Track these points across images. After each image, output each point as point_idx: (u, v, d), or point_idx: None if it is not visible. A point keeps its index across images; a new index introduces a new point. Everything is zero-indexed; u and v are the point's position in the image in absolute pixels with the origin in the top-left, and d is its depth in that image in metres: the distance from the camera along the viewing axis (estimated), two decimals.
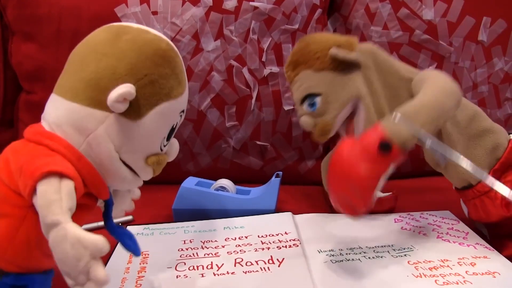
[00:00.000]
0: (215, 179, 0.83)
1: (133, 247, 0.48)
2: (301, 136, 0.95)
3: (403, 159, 0.51)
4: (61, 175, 0.38)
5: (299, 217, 0.76)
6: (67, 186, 0.38)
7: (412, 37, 0.95)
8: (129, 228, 0.72)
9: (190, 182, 0.80)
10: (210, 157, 0.95)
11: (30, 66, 0.92)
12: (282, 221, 0.73)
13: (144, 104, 0.43)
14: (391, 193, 0.79)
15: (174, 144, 0.51)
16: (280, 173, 0.81)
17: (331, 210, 0.85)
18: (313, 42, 0.67)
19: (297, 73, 0.68)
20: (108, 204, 0.49)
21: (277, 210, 0.78)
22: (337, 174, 0.51)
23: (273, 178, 0.80)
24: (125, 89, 0.41)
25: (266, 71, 0.92)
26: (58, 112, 0.44)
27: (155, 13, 0.89)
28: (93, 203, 0.47)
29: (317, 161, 0.98)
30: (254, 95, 0.92)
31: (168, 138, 0.49)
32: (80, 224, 0.41)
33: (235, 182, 0.84)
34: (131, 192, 0.59)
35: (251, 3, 0.90)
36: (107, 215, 0.49)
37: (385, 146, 0.48)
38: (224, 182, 0.81)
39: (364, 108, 0.66)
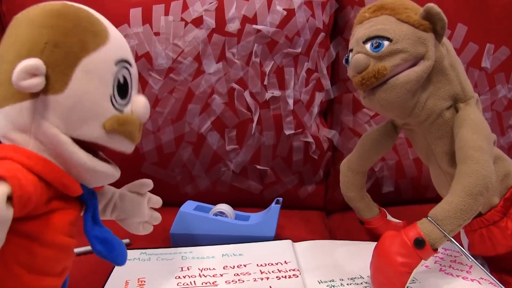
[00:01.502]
0: (214, 202, 0.82)
1: (104, 253, 0.45)
2: (302, 161, 0.95)
3: (434, 255, 0.57)
4: None
5: (298, 245, 0.75)
6: None
7: None
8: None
9: (189, 207, 0.79)
10: (209, 180, 0.94)
11: None
12: (282, 249, 0.72)
13: (61, 70, 0.40)
14: (402, 221, 0.78)
15: (137, 100, 0.46)
16: (280, 199, 0.81)
17: (330, 235, 0.86)
18: (408, 1, 0.66)
19: (377, 15, 0.65)
20: (87, 205, 0.46)
21: (277, 236, 0.77)
22: (378, 261, 0.58)
23: (273, 204, 0.79)
24: (23, 63, 0.38)
25: (268, 95, 0.92)
26: (0, 124, 0.42)
27: (157, 34, 0.89)
28: (67, 206, 0.43)
29: (317, 186, 0.98)
30: (255, 118, 0.92)
31: (123, 97, 0.44)
32: (57, 229, 0.41)
33: (234, 205, 0.83)
34: (145, 198, 0.57)
35: (254, 26, 0.90)
36: (85, 215, 0.46)
37: (419, 243, 0.55)
38: (223, 207, 0.80)
39: (423, 69, 0.61)
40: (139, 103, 0.46)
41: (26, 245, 0.39)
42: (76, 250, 0.67)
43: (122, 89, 0.44)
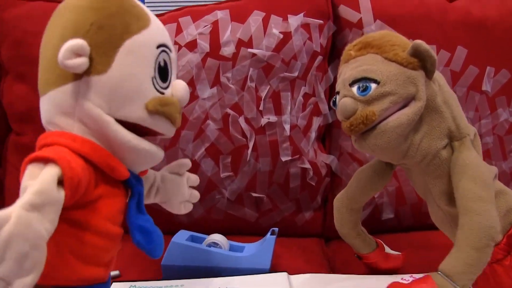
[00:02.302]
0: (209, 231, 0.81)
1: (143, 243, 0.46)
2: (299, 188, 0.93)
3: None
4: (45, 161, 0.37)
5: (295, 278, 0.73)
6: (46, 172, 0.36)
7: None
8: (114, 285, 0.69)
9: (181, 237, 0.78)
10: (203, 208, 0.93)
11: (21, 107, 0.91)
12: (277, 283, 0.70)
13: (104, 52, 0.41)
14: (400, 253, 0.77)
15: (177, 84, 0.48)
16: (276, 229, 0.79)
17: (329, 265, 0.85)
18: (394, 36, 0.63)
19: (363, 54, 0.62)
20: (133, 192, 0.46)
21: (273, 267, 0.76)
22: None
23: (268, 235, 0.77)
24: (69, 43, 0.39)
25: (264, 120, 0.91)
26: (43, 109, 0.44)
27: None
28: (119, 192, 0.45)
29: (315, 213, 0.96)
30: (251, 145, 0.90)
31: (164, 80, 0.46)
32: (103, 215, 0.42)
33: (229, 234, 0.82)
34: (184, 178, 0.59)
35: (250, 49, 0.89)
36: (130, 202, 0.46)
37: None
38: (217, 238, 0.78)
39: (414, 111, 0.59)
40: (179, 86, 0.47)
41: (77, 234, 0.41)
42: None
43: (163, 72, 0.46)
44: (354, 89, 0.60)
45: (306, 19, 0.92)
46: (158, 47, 0.45)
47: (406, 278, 0.73)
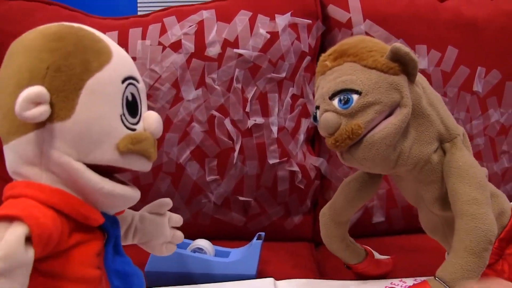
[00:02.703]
0: (195, 236, 0.81)
1: None
2: (287, 191, 0.93)
3: None
4: (10, 219, 0.35)
5: (281, 283, 0.73)
6: (12, 232, 0.34)
7: None
8: None
9: None
10: (189, 213, 0.92)
11: None
12: None
13: (66, 96, 0.39)
14: (389, 257, 0.75)
15: (149, 116, 0.46)
16: (263, 234, 0.78)
17: (318, 270, 0.84)
18: (370, 41, 0.61)
19: (340, 63, 0.59)
20: (109, 234, 0.45)
21: (260, 272, 0.76)
22: None
23: (254, 240, 0.77)
24: (25, 93, 0.37)
25: (250, 122, 0.90)
26: (8, 159, 0.42)
27: (133, 59, 0.84)
28: (95, 237, 0.43)
29: (304, 216, 0.96)
30: (237, 147, 0.90)
31: (133, 115, 0.44)
32: (79, 262, 0.40)
33: (217, 239, 0.83)
34: (165, 218, 0.57)
35: (236, 50, 0.89)
36: (106, 246, 0.45)
37: None
38: (202, 243, 0.78)
39: (401, 119, 0.57)
40: (150, 119, 0.45)
41: (53, 284, 0.39)
42: None
43: (132, 107, 0.44)
44: (335, 102, 0.58)
45: (294, 19, 0.92)
46: (123, 81, 0.43)
47: (396, 283, 0.73)
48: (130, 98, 0.44)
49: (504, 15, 0.99)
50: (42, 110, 0.38)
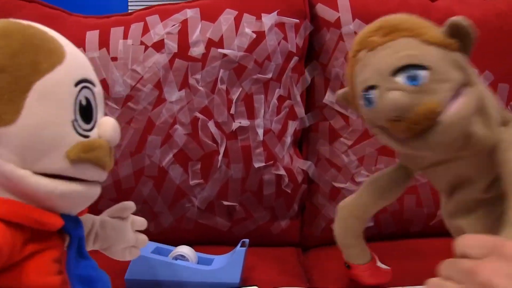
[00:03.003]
0: (178, 241, 0.81)
1: None
2: (274, 195, 0.92)
3: None
4: None
5: None
6: None
7: None
8: None
9: (146, 249, 0.76)
10: (172, 217, 0.92)
11: None
12: None
13: (10, 98, 0.37)
14: (389, 268, 0.74)
15: (104, 122, 0.44)
16: (247, 241, 0.78)
17: (305, 276, 0.84)
18: (416, 17, 0.58)
19: (393, 38, 0.55)
20: (71, 237, 0.43)
21: (244, 280, 0.75)
22: None
23: (238, 247, 0.76)
24: None
25: (235, 125, 0.90)
26: None
27: (114, 59, 0.87)
28: (53, 243, 0.41)
29: (291, 221, 0.95)
30: (222, 150, 0.90)
31: (87, 120, 0.42)
32: (51, 271, 0.40)
33: (201, 244, 0.83)
34: (128, 222, 0.56)
35: (220, 50, 0.89)
36: (69, 250, 0.43)
37: None
38: (184, 250, 0.77)
39: (473, 98, 0.53)
40: (106, 125, 0.44)
41: None
42: None
43: (85, 112, 0.42)
44: (400, 79, 0.52)
45: (281, 18, 0.91)
46: (77, 84, 0.42)
47: None
48: (84, 102, 0.42)
49: (497, 16, 0.98)
50: None
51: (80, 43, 0.86)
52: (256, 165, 0.90)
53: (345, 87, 0.89)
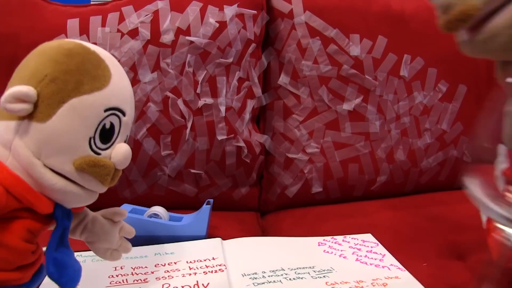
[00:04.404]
0: (152, 206, 0.85)
1: (55, 276, 0.46)
2: (235, 165, 0.98)
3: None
4: None
5: (227, 242, 0.78)
6: None
7: (340, 71, 1.01)
8: None
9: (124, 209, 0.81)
10: (146, 185, 0.96)
11: None
12: (211, 247, 0.76)
13: (50, 103, 0.42)
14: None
15: (119, 147, 0.46)
16: (211, 200, 0.84)
17: (263, 234, 0.90)
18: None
19: None
20: (57, 224, 0.46)
21: (209, 236, 0.80)
22: None
23: (204, 205, 0.82)
24: (15, 89, 0.40)
25: (201, 103, 0.94)
26: None
27: (94, 44, 0.88)
28: (32, 216, 0.44)
29: (251, 188, 1.01)
30: (189, 125, 0.94)
31: (105, 142, 0.45)
32: (15, 235, 0.42)
33: (171, 208, 0.86)
34: (117, 226, 0.55)
35: (188, 37, 0.93)
36: (53, 233, 0.46)
37: None
38: (157, 209, 0.83)
39: None
40: (119, 150, 0.46)
41: None
42: None
43: (105, 135, 0.44)
44: None
45: (241, 9, 0.96)
46: (107, 110, 0.44)
47: (328, 239, 0.79)
48: (107, 126, 0.44)
49: (428, 9, 1.03)
50: (22, 108, 0.40)
51: (62, 30, 0.91)
52: (219, 138, 0.95)
53: (296, 70, 0.98)
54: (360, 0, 1.04)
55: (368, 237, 0.82)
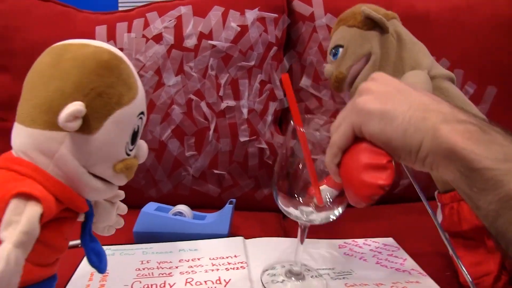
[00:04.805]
0: (176, 205, 0.86)
1: (96, 264, 0.50)
2: (257, 166, 0.99)
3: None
4: (29, 197, 0.39)
5: (249, 241, 0.80)
6: (31, 210, 0.39)
7: None
8: None
9: (150, 207, 0.84)
10: (171, 184, 0.98)
11: (4, 96, 0.95)
12: (233, 245, 0.77)
13: (97, 117, 0.43)
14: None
15: (142, 146, 0.50)
16: (234, 200, 0.85)
17: (284, 235, 0.90)
18: (361, 6, 0.76)
19: (337, 28, 0.78)
20: (87, 216, 0.49)
21: (231, 234, 0.82)
22: None
23: (227, 205, 0.84)
24: (73, 107, 0.41)
25: (223, 105, 0.96)
26: (21, 139, 0.44)
27: (120, 49, 0.88)
28: (72, 216, 0.47)
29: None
30: (212, 127, 0.96)
31: (133, 142, 0.47)
32: (63, 235, 0.45)
33: (194, 207, 0.87)
34: (115, 206, 0.58)
35: (210, 41, 0.95)
36: (84, 227, 0.49)
37: None
38: (182, 207, 0.85)
39: (371, 64, 0.73)
40: (143, 148, 0.50)
41: (38, 249, 0.41)
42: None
43: (134, 137, 0.47)
44: (331, 56, 0.78)
45: (262, 13, 0.97)
46: (138, 115, 0.47)
47: (349, 242, 0.80)
48: (136, 129, 0.47)
49: (452, 9, 1.04)
50: (78, 124, 0.41)
51: (90, 36, 0.91)
52: (242, 139, 0.96)
53: (318, 72, 0.99)
54: (382, 1, 1.00)
55: (390, 241, 0.82)
